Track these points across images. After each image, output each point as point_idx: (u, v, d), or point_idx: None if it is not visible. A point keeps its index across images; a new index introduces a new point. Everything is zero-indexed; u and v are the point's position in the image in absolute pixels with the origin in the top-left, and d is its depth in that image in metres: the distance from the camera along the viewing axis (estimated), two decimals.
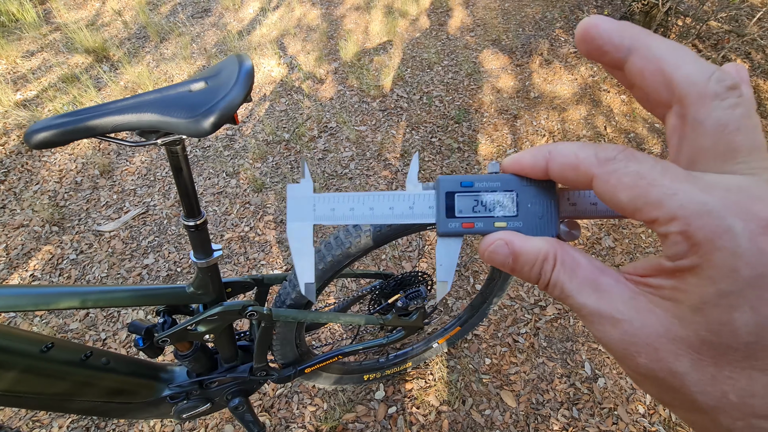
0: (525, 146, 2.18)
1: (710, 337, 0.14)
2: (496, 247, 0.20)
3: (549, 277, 0.19)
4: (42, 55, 2.68)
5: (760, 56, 2.71)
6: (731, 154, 0.15)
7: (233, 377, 0.93)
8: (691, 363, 0.15)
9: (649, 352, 0.16)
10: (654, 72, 0.17)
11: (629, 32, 0.17)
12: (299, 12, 3.23)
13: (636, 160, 0.16)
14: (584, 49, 0.18)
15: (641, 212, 0.16)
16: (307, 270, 0.25)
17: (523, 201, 0.22)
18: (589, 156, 0.17)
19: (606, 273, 0.18)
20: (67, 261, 1.69)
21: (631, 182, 0.16)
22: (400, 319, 1.06)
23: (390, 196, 0.24)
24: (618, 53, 0.17)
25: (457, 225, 0.22)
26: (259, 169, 2.06)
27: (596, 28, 0.18)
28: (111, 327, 1.49)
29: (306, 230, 0.24)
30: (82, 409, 0.76)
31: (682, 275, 0.15)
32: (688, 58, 0.16)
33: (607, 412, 1.29)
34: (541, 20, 3.08)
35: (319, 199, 0.24)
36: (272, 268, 1.67)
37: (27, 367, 0.64)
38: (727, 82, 0.15)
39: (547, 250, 0.19)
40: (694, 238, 0.14)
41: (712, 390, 0.15)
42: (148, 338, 0.76)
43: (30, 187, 1.95)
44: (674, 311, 0.15)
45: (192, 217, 0.69)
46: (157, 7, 3.26)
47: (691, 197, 0.14)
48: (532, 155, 0.20)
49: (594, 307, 0.17)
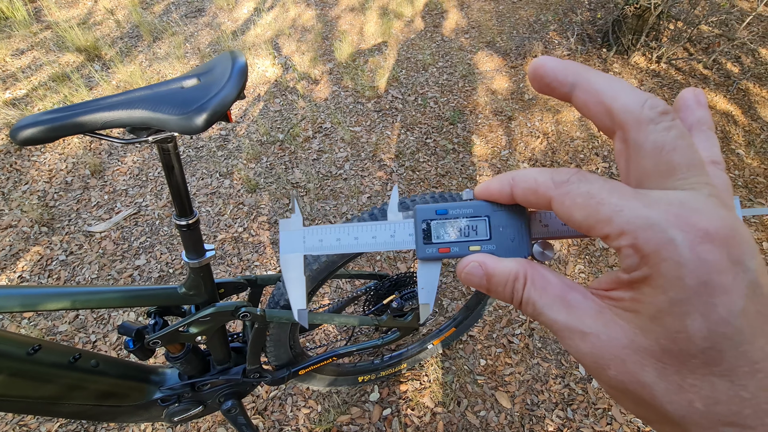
0: (519, 147, 2.19)
1: (669, 345, 0.15)
2: (471, 269, 0.21)
3: (521, 295, 0.20)
4: (32, 54, 2.64)
5: (750, 60, 2.75)
6: (671, 172, 0.16)
7: (226, 379, 0.92)
8: (656, 372, 0.15)
9: (617, 364, 0.16)
10: (596, 104, 0.18)
11: (572, 69, 0.19)
12: (294, 12, 3.22)
13: (587, 180, 0.17)
14: (536, 86, 0.20)
15: (594, 229, 0.17)
16: (299, 298, 0.27)
17: (495, 225, 0.23)
18: (546, 180, 0.19)
19: (574, 289, 0.19)
20: (57, 262, 1.66)
21: (583, 202, 0.17)
22: (395, 320, 1.05)
23: (372, 227, 0.25)
24: (563, 88, 0.19)
25: (434, 250, 0.24)
26: (253, 170, 2.04)
27: (543, 67, 0.19)
28: (101, 329, 1.47)
29: (297, 260, 0.26)
30: (71, 413, 0.74)
31: (637, 286, 0.16)
32: (624, 88, 0.17)
33: (602, 412, 1.30)
34: (535, 23, 3.10)
35: (308, 231, 0.26)
36: (266, 269, 1.66)
37: (13, 370, 0.63)
38: (659, 108, 0.17)
39: (518, 270, 0.20)
40: (643, 251, 0.15)
41: (678, 399, 0.15)
42: (138, 340, 0.75)
43: (19, 187, 1.91)
44: (635, 322, 0.16)
45: (184, 216, 0.68)
46: (150, 6, 3.23)
47: (637, 213, 0.15)
48: (499, 182, 0.22)
49: (564, 323, 0.18)
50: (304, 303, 0.27)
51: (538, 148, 2.19)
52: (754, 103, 2.44)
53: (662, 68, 2.64)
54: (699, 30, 2.85)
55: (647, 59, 2.68)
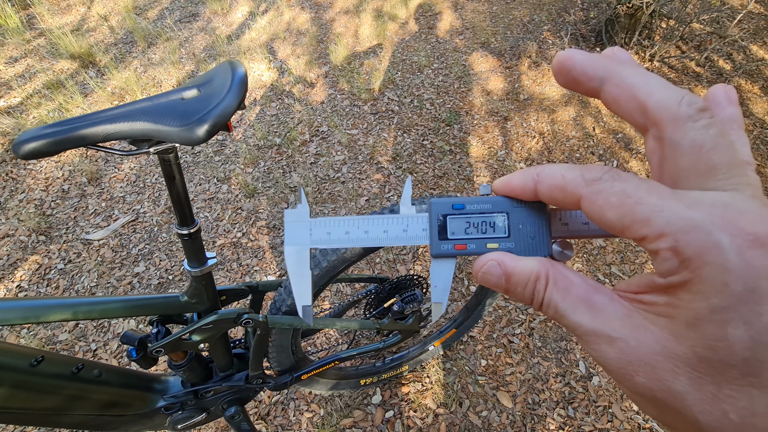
0: (516, 147, 2.20)
1: (706, 354, 0.14)
2: (488, 267, 0.20)
3: (542, 296, 0.19)
4: (26, 61, 2.63)
5: (741, 57, 2.78)
6: (711, 171, 0.16)
7: (229, 386, 0.92)
8: (689, 381, 0.15)
9: (647, 371, 0.16)
10: (628, 99, 0.17)
11: (602, 63, 0.18)
12: (288, 16, 3.22)
13: (621, 179, 0.16)
14: (561, 81, 0.19)
15: (630, 230, 0.16)
16: (304, 293, 0.25)
17: (514, 222, 0.22)
18: (575, 177, 0.18)
19: (600, 291, 0.18)
20: (55, 271, 1.66)
21: (618, 201, 0.16)
22: (396, 323, 1.05)
23: (384, 220, 0.24)
24: (592, 83, 0.18)
25: (449, 247, 0.23)
26: (250, 174, 2.04)
27: (570, 60, 0.19)
28: (101, 337, 1.46)
29: (303, 254, 0.25)
30: (74, 424, 0.74)
31: (674, 291, 0.15)
32: (659, 84, 0.17)
33: (602, 410, 1.31)
34: (529, 23, 3.12)
35: (315, 223, 0.24)
36: (265, 274, 1.66)
37: (16, 382, 0.63)
38: (697, 105, 0.16)
39: (539, 269, 0.19)
40: (684, 254, 0.14)
41: (712, 409, 0.14)
42: (141, 349, 0.75)
43: (15, 196, 1.90)
44: (669, 328, 0.15)
45: (185, 225, 0.68)
46: (144, 11, 3.22)
47: (678, 214, 0.15)
48: (521, 177, 0.21)
49: (589, 327, 0.17)
50: (310, 299, 0.25)
51: (534, 147, 2.20)
52: (746, 100, 2.46)
53: (655, 66, 2.66)
54: (691, 28, 2.87)
55: (640, 58, 2.70)
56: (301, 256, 0.25)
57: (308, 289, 0.25)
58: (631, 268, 1.68)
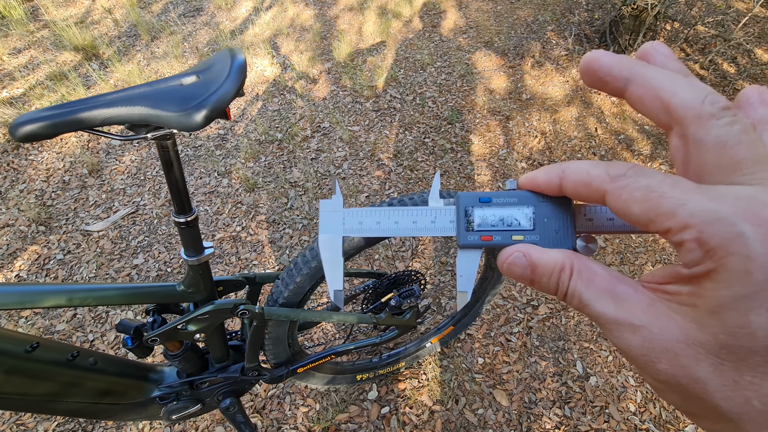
0: (517, 147, 2.19)
1: (729, 341, 0.14)
2: (514, 258, 0.21)
3: (567, 287, 0.19)
4: (29, 53, 2.63)
5: (746, 60, 2.77)
6: (735, 167, 0.16)
7: (224, 377, 0.92)
8: (712, 368, 0.15)
9: (670, 358, 0.16)
10: (652, 99, 0.18)
11: (626, 64, 0.19)
12: (292, 12, 3.22)
13: (645, 174, 0.17)
14: (588, 81, 0.20)
15: (654, 223, 0.16)
16: (336, 278, 0.27)
17: (539, 216, 0.23)
18: (600, 173, 0.18)
19: (623, 281, 0.18)
20: (54, 261, 1.66)
21: (643, 196, 0.16)
22: (393, 318, 1.05)
23: (414, 211, 0.25)
24: (617, 83, 0.19)
25: (476, 238, 0.24)
26: (251, 169, 2.04)
27: (597, 61, 0.19)
28: (99, 328, 1.46)
29: (336, 242, 0.26)
30: (69, 411, 0.74)
31: (698, 281, 0.15)
32: (682, 84, 0.17)
33: (599, 410, 1.30)
34: (533, 23, 3.11)
35: (348, 213, 0.26)
36: (264, 267, 1.66)
37: (11, 367, 0.63)
38: (720, 103, 0.16)
39: (563, 260, 0.20)
40: (708, 245, 0.15)
41: (734, 396, 0.15)
42: (137, 338, 0.75)
43: (16, 186, 1.91)
44: (692, 316, 0.16)
45: (183, 213, 0.68)
46: (149, 5, 3.22)
47: (702, 206, 0.15)
48: (546, 173, 0.21)
49: (612, 316, 0.18)
50: (341, 284, 0.27)
51: (536, 147, 2.19)
52: None
53: None
54: (695, 31, 2.86)
55: None
56: (334, 244, 0.26)
57: (340, 274, 0.27)
58: (631, 269, 1.68)
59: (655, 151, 2.17)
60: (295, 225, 1.80)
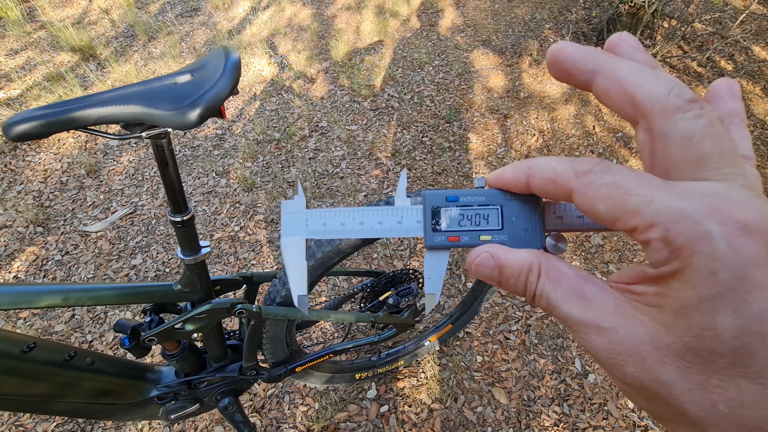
0: (516, 145, 2.19)
1: (694, 343, 0.14)
2: (481, 260, 0.20)
3: (534, 288, 0.19)
4: (26, 54, 2.63)
5: (743, 57, 2.77)
6: (701, 162, 0.15)
7: (222, 377, 0.92)
8: (678, 371, 0.15)
9: (636, 360, 0.16)
10: (617, 92, 0.17)
11: (592, 56, 0.18)
12: (290, 11, 3.21)
13: (611, 171, 0.16)
14: (554, 73, 0.19)
15: (620, 221, 0.16)
16: (299, 283, 0.26)
17: (507, 215, 0.22)
18: (566, 170, 0.18)
19: (591, 282, 0.18)
20: (52, 262, 1.66)
21: (608, 193, 0.16)
22: (392, 317, 1.05)
23: (379, 211, 0.24)
24: (583, 76, 0.18)
25: (443, 239, 0.23)
26: (249, 169, 2.04)
27: (562, 53, 0.19)
28: (97, 328, 1.46)
29: (299, 244, 0.25)
30: (67, 411, 0.74)
31: (664, 281, 0.15)
32: (648, 76, 0.17)
33: (598, 407, 1.30)
34: (531, 21, 3.11)
35: (311, 214, 0.25)
36: (263, 267, 1.66)
37: (7, 368, 0.63)
38: (686, 96, 0.16)
39: (531, 261, 0.19)
40: (674, 243, 0.14)
41: (701, 400, 0.14)
42: (134, 337, 0.75)
43: (13, 187, 1.90)
44: (658, 317, 0.15)
45: (179, 212, 0.68)
46: (146, 5, 3.22)
47: (668, 203, 0.15)
48: (514, 170, 0.21)
49: (579, 317, 0.17)
50: (305, 288, 0.26)
51: (534, 145, 2.19)
52: (747, 100, 2.46)
53: None
54: (693, 28, 2.87)
55: None
56: (297, 247, 0.25)
57: (304, 279, 0.26)
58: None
59: None
60: None
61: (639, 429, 1.25)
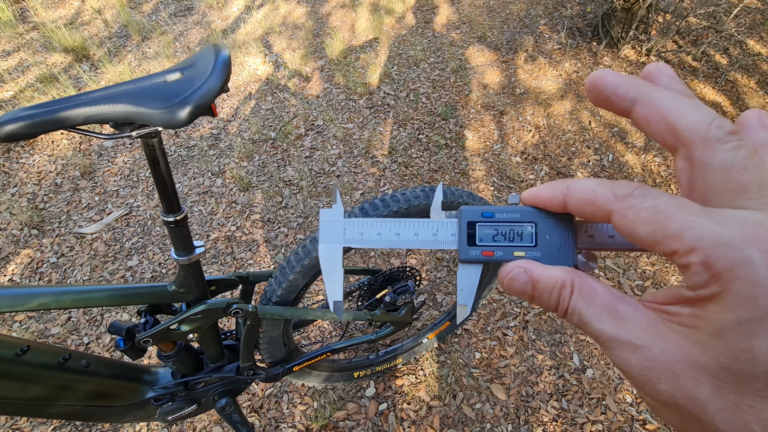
0: (512, 141, 2.19)
1: (730, 364, 0.15)
2: (515, 274, 0.21)
3: (567, 304, 0.19)
4: (19, 55, 2.60)
5: (738, 51, 2.78)
6: (741, 191, 0.16)
7: (219, 377, 0.91)
8: (712, 390, 0.15)
9: (670, 378, 0.16)
10: (658, 120, 0.18)
11: (632, 85, 0.19)
12: (284, 10, 3.20)
13: (651, 195, 0.17)
14: (593, 99, 0.20)
15: (661, 245, 0.16)
16: (336, 289, 0.26)
17: (541, 232, 0.23)
18: (606, 192, 0.18)
19: (624, 300, 0.18)
20: (48, 264, 1.65)
21: (649, 217, 0.16)
22: (389, 315, 1.05)
23: (415, 224, 0.25)
24: (623, 103, 0.19)
25: (477, 253, 0.24)
26: (245, 168, 2.03)
27: (602, 80, 0.19)
28: (94, 331, 1.46)
29: (336, 252, 0.26)
30: (63, 414, 0.74)
31: (702, 303, 0.16)
32: (688, 107, 0.17)
33: (596, 402, 1.31)
34: (526, 17, 3.11)
35: (349, 223, 0.26)
36: (260, 267, 1.65)
37: (1, 371, 0.62)
38: (726, 128, 0.16)
39: (564, 277, 0.20)
40: (714, 268, 0.15)
41: (733, 419, 0.15)
42: (129, 339, 0.74)
43: (7, 190, 1.89)
44: (694, 337, 0.16)
45: (171, 212, 0.67)
46: (139, 5, 3.19)
47: (709, 230, 0.15)
48: (550, 189, 0.21)
49: (612, 334, 0.18)
50: (341, 294, 0.27)
51: (530, 141, 2.19)
52: (742, 94, 2.46)
53: (652, 61, 2.65)
54: (687, 22, 2.87)
55: (637, 52, 2.69)
56: (334, 255, 0.26)
57: (340, 285, 0.26)
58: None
59: (648, 143, 2.18)
60: (290, 223, 1.79)
61: (637, 422, 1.26)
